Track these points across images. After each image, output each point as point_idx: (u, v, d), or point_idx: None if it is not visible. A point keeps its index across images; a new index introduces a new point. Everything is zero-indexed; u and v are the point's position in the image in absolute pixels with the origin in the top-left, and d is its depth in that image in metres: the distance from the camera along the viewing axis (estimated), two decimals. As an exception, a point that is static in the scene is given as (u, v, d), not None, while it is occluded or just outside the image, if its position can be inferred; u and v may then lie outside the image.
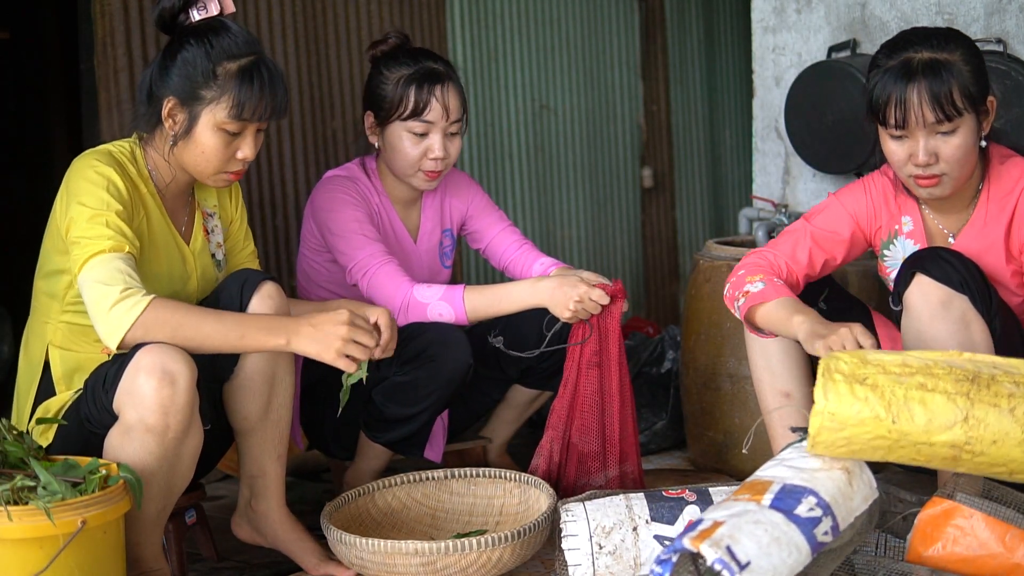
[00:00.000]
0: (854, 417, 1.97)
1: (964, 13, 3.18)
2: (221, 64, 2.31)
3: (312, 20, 3.73)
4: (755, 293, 2.43)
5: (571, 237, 4.79)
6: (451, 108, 2.79)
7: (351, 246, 2.75)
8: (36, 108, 5.23)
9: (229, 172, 2.39)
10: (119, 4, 3.22)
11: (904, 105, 2.32)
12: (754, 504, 1.94)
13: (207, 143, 2.33)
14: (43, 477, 1.99)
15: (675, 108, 5.21)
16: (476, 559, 2.31)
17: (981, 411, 1.94)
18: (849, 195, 2.60)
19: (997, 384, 1.96)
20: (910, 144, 2.36)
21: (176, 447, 2.17)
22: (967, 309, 2.31)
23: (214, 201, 2.56)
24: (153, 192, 2.40)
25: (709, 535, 1.84)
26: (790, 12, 3.56)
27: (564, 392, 2.77)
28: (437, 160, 2.80)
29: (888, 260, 2.59)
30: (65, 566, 1.96)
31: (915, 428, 1.95)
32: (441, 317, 2.68)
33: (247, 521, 2.54)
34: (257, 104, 2.31)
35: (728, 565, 1.80)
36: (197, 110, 2.32)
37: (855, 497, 2.01)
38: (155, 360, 2.12)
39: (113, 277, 2.16)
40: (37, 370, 2.38)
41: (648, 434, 3.46)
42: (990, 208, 2.46)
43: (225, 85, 2.30)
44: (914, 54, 2.34)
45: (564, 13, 4.71)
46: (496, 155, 4.49)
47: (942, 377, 1.98)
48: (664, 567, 1.86)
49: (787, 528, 1.89)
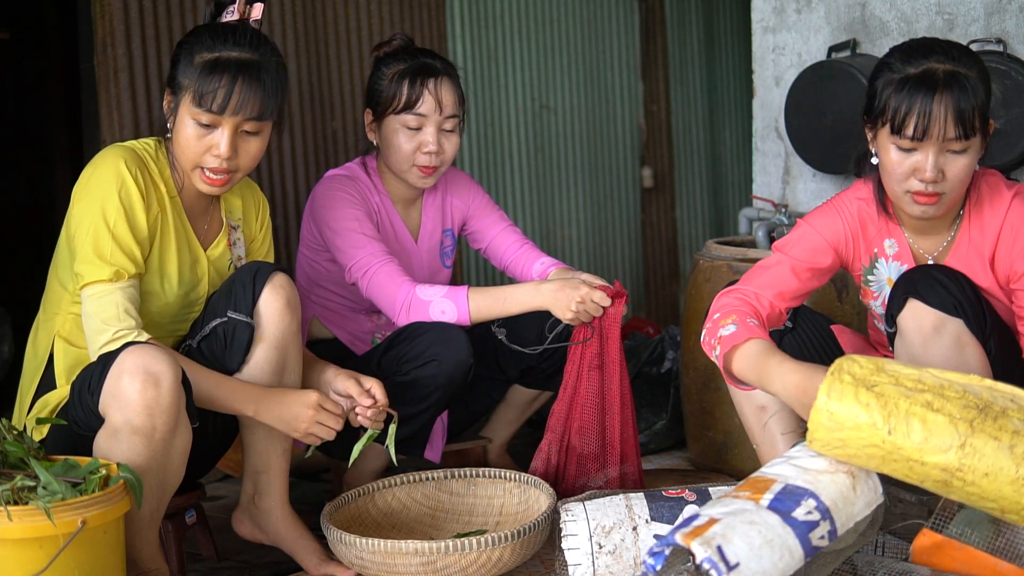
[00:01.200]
0: (851, 420, 1.95)
1: (964, 13, 3.18)
2: (200, 54, 2.32)
3: (312, 20, 3.73)
4: (726, 337, 2.28)
5: (571, 237, 4.79)
6: (444, 102, 2.80)
7: (351, 245, 2.75)
8: (36, 108, 5.23)
9: (208, 169, 2.36)
10: (119, 4, 3.22)
11: (928, 117, 2.21)
12: (752, 503, 1.93)
13: (183, 132, 2.34)
14: (43, 477, 1.99)
15: (675, 108, 5.21)
16: (476, 559, 2.31)
17: (980, 441, 1.89)
18: (824, 222, 2.47)
19: (1005, 418, 1.91)
20: (918, 158, 2.26)
21: (164, 447, 2.17)
22: (962, 332, 2.26)
23: (239, 215, 2.57)
24: (173, 192, 2.41)
25: (702, 532, 1.85)
26: (790, 12, 3.56)
27: (564, 394, 2.77)
28: (431, 155, 2.80)
29: (873, 285, 2.51)
30: (65, 566, 1.96)
31: (909, 444, 1.92)
32: (443, 316, 2.69)
33: (249, 517, 2.54)
34: (217, 95, 2.29)
35: (716, 565, 1.81)
36: (179, 98, 2.34)
37: (857, 502, 2.00)
38: (138, 361, 2.12)
39: (109, 314, 2.22)
40: (42, 362, 2.38)
41: (648, 434, 3.46)
42: (972, 233, 2.38)
43: (195, 74, 2.31)
44: (936, 65, 2.24)
45: (564, 13, 4.71)
46: (496, 155, 4.49)
47: (952, 400, 1.94)
48: (657, 559, 1.88)
49: (782, 531, 1.89)
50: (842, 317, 3.08)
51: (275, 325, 2.39)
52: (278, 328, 2.39)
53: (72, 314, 2.35)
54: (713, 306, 2.41)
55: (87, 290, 2.24)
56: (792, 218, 3.46)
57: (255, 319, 2.38)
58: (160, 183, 2.39)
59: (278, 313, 2.38)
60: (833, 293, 3.12)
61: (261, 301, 2.38)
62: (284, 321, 2.39)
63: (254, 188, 2.64)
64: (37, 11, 5.05)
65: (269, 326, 2.38)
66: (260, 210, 2.62)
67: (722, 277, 3.14)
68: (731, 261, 3.18)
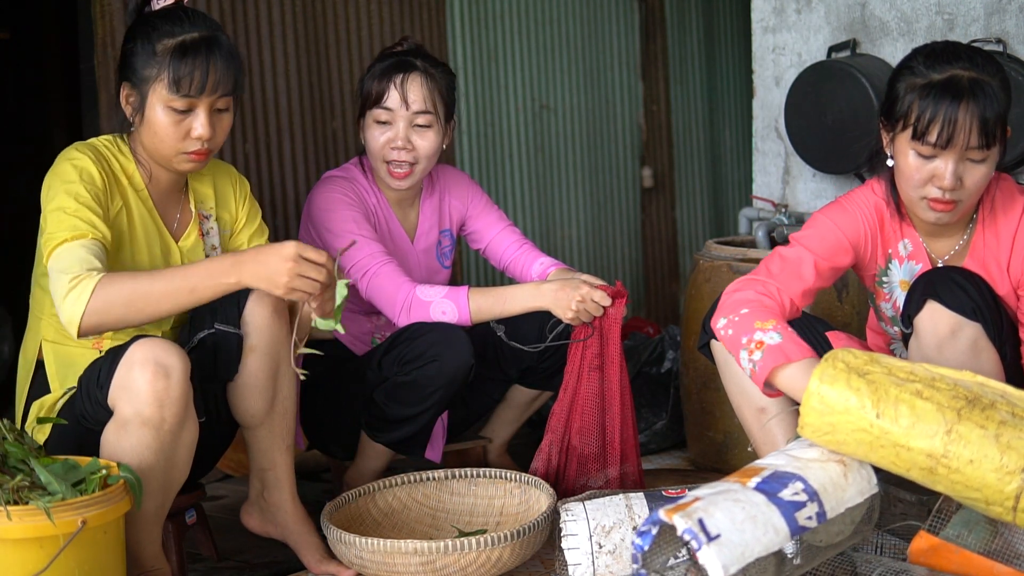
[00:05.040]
0: (841, 404, 1.98)
1: (964, 13, 3.18)
2: (161, 42, 2.31)
3: (312, 20, 3.73)
4: (772, 348, 2.17)
5: (571, 237, 4.79)
6: (411, 98, 2.78)
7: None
8: (36, 108, 5.23)
9: (189, 152, 2.36)
10: (119, 4, 3.23)
11: (954, 125, 2.18)
12: (738, 484, 1.96)
13: (157, 122, 2.33)
14: (43, 477, 1.99)
15: (675, 108, 5.22)
16: (476, 558, 2.31)
17: (966, 428, 1.92)
18: (845, 220, 2.42)
19: (993, 409, 1.94)
20: (937, 165, 2.23)
21: (173, 440, 2.17)
22: (979, 337, 2.25)
23: (211, 204, 2.54)
24: (139, 185, 2.40)
25: (685, 508, 1.87)
26: (790, 12, 3.56)
27: (564, 395, 2.77)
28: (399, 151, 2.79)
29: (886, 287, 2.49)
30: (65, 566, 1.96)
31: (896, 428, 1.95)
32: (444, 316, 2.69)
33: (259, 511, 2.54)
34: (194, 78, 2.29)
35: (696, 536, 1.83)
36: (144, 90, 2.33)
37: (849, 489, 2.01)
38: (148, 353, 2.12)
39: (70, 265, 2.16)
40: (31, 368, 2.39)
41: (648, 434, 3.46)
42: (986, 237, 2.37)
43: (163, 61, 2.30)
44: (961, 72, 2.21)
45: (564, 13, 4.71)
46: (496, 155, 4.49)
47: (942, 391, 1.97)
48: (644, 539, 1.89)
49: (767, 509, 1.91)
50: (842, 318, 3.08)
51: (265, 333, 2.36)
52: (268, 336, 2.37)
53: (54, 316, 2.34)
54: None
55: (52, 257, 2.19)
56: (792, 218, 3.46)
57: (243, 328, 2.36)
58: (123, 177, 2.37)
59: (266, 321, 2.36)
60: (833, 293, 3.12)
61: (247, 311, 2.35)
62: (273, 328, 2.37)
63: (228, 169, 2.60)
64: (37, 11, 5.05)
65: (258, 335, 2.36)
66: (238, 189, 2.58)
67: (722, 277, 3.14)
68: (731, 261, 3.18)
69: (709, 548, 1.82)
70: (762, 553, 1.87)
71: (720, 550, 1.83)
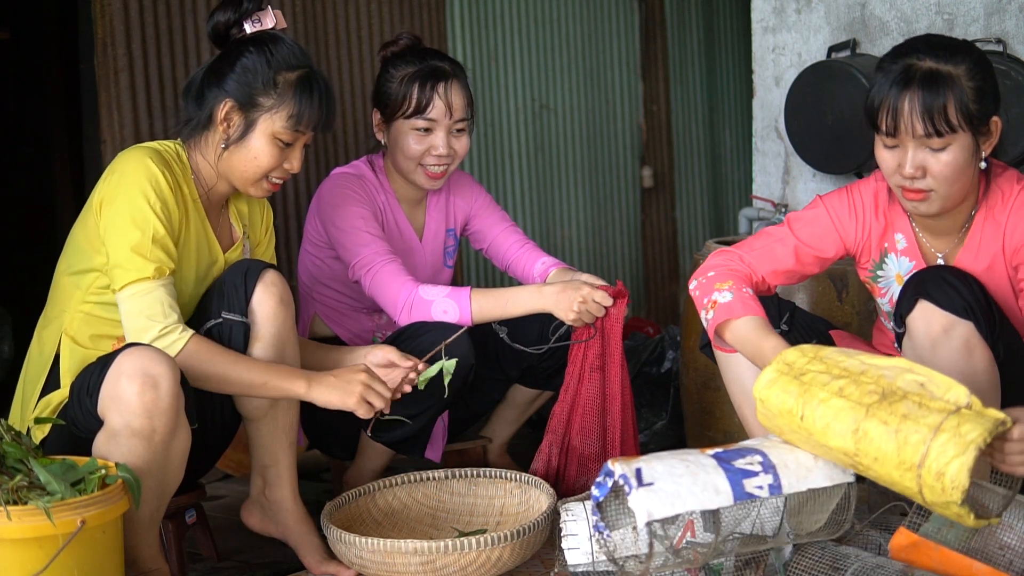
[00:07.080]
0: (777, 407, 2.05)
1: (964, 13, 3.18)
2: (281, 73, 2.35)
3: (312, 20, 3.73)
4: (723, 305, 2.32)
5: (571, 237, 4.79)
6: (455, 106, 2.80)
7: (355, 243, 2.75)
8: (36, 108, 5.23)
9: (272, 182, 2.43)
10: (119, 4, 3.22)
11: (895, 113, 2.22)
12: (697, 451, 2.05)
13: (261, 150, 2.37)
14: (43, 477, 1.99)
15: (675, 108, 5.22)
16: (476, 558, 2.31)
17: (871, 425, 1.91)
18: (837, 207, 2.47)
19: (901, 402, 1.91)
20: (900, 153, 2.26)
21: (164, 449, 2.17)
22: (971, 335, 2.24)
23: (246, 221, 2.58)
24: (195, 196, 2.42)
25: (631, 459, 1.99)
26: (790, 12, 3.56)
27: (565, 396, 2.77)
28: (440, 157, 2.80)
29: (881, 281, 2.50)
30: (64, 566, 1.96)
31: (816, 429, 1.99)
32: (445, 315, 2.69)
33: (259, 509, 2.54)
34: (315, 115, 2.37)
35: (629, 480, 1.94)
36: (254, 116, 2.36)
37: (815, 471, 2.06)
38: (136, 364, 2.12)
39: (154, 311, 2.24)
40: (48, 360, 2.37)
41: (648, 434, 3.46)
42: (986, 230, 2.37)
43: (284, 94, 2.35)
44: (917, 62, 2.24)
45: (564, 13, 4.71)
46: (496, 155, 4.49)
47: (863, 385, 1.96)
48: (600, 489, 2.00)
49: (713, 471, 1.98)
50: (842, 318, 3.08)
51: (271, 323, 2.39)
52: (274, 326, 2.39)
53: (81, 312, 2.34)
54: (707, 261, 2.45)
55: (127, 289, 2.24)
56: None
57: (250, 318, 2.38)
58: (184, 185, 2.39)
59: (272, 311, 2.39)
60: (833, 293, 3.12)
61: (254, 300, 2.38)
62: (279, 318, 2.39)
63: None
64: (37, 11, 5.05)
65: (265, 324, 2.38)
66: (265, 216, 2.64)
67: (722, 277, 3.14)
68: (731, 261, 3.18)
69: (638, 492, 1.92)
70: (696, 507, 1.94)
71: (649, 496, 1.91)
